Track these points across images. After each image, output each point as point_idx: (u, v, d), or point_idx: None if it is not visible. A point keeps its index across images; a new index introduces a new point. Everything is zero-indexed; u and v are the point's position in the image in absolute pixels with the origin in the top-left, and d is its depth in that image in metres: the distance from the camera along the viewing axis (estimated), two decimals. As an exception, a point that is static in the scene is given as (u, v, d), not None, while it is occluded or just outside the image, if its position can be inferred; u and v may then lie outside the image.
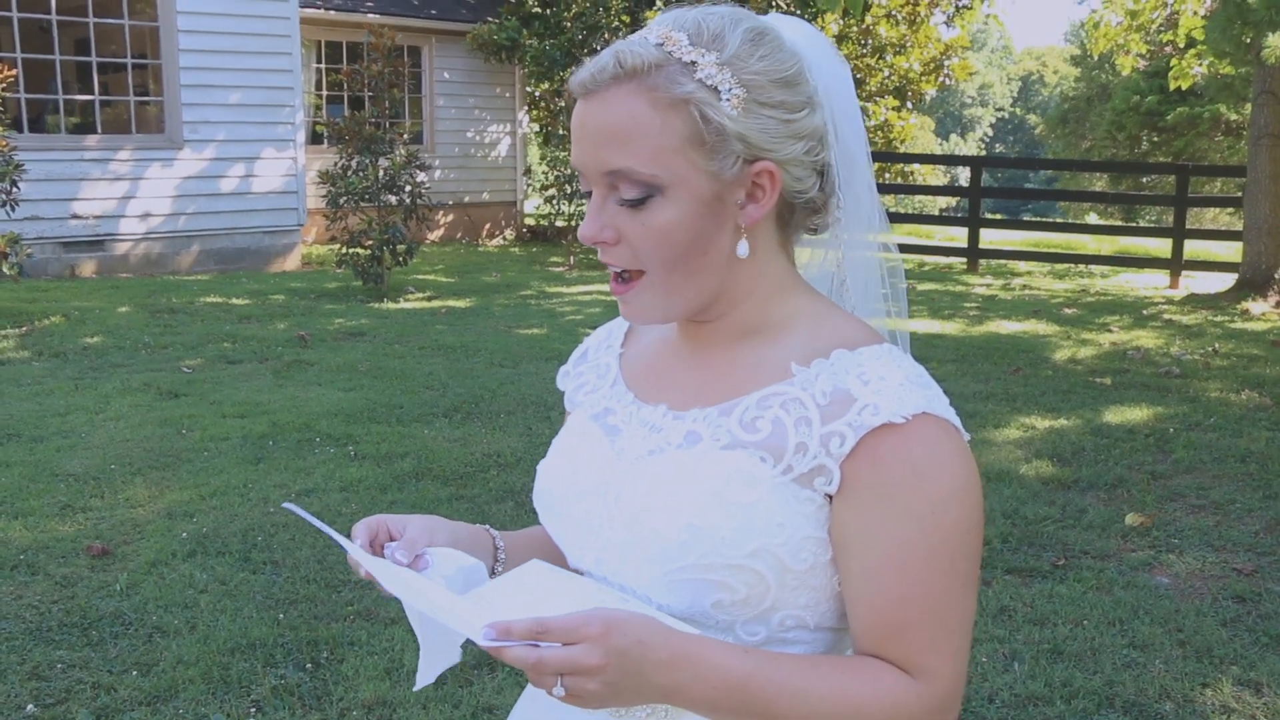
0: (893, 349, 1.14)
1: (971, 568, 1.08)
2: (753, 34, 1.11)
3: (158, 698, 3.11)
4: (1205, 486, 5.06)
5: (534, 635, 0.99)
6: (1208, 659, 3.42)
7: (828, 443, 1.07)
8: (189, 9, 11.97)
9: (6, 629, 3.49)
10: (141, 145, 12.01)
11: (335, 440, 5.61)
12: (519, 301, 10.64)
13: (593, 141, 1.10)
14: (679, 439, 1.16)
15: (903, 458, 1.05)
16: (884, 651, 1.07)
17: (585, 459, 1.24)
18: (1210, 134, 25.66)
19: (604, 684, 0.98)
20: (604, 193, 1.12)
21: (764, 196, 1.12)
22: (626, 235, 1.12)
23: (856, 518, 1.07)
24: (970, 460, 1.09)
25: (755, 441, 1.10)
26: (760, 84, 1.09)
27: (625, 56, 1.09)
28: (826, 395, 1.09)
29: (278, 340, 8.26)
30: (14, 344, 7.86)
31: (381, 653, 3.37)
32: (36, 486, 4.81)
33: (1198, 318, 10.20)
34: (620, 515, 1.17)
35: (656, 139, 1.07)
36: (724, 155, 1.09)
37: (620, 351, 1.32)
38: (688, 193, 1.09)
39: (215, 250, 12.52)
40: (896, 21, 19.09)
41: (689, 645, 1.02)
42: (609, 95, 1.09)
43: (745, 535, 1.07)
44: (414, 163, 10.82)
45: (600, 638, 0.98)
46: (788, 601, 1.11)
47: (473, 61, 16.53)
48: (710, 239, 1.11)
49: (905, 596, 1.06)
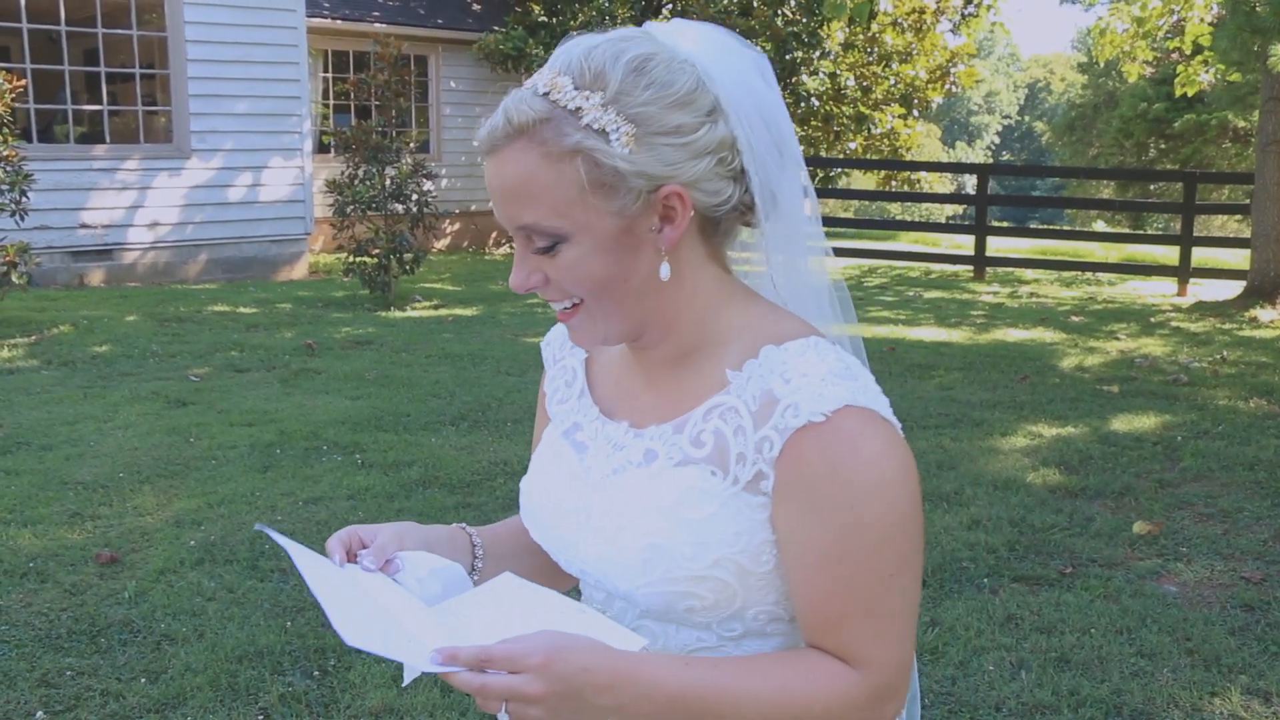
0: (820, 341, 1.14)
1: (904, 556, 1.09)
2: (636, 63, 1.10)
3: (166, 705, 3.12)
4: (1213, 495, 5.05)
5: (479, 663, 1.02)
6: (1216, 668, 3.41)
7: (760, 448, 1.10)
8: (197, 19, 12.02)
9: (16, 636, 3.50)
10: (149, 155, 12.05)
11: (342, 448, 5.62)
12: (525, 310, 10.66)
13: (502, 199, 1.13)
14: (639, 457, 1.19)
15: (822, 455, 1.07)
16: (824, 643, 1.10)
17: (559, 477, 1.28)
18: (1218, 141, 25.61)
19: (547, 710, 1.02)
20: (523, 243, 1.15)
21: (677, 217, 1.12)
22: (550, 277, 1.15)
23: (787, 516, 1.10)
24: (897, 449, 1.10)
25: (703, 456, 1.14)
26: (649, 114, 1.09)
27: (513, 114, 1.10)
28: (755, 399, 1.11)
29: (285, 349, 8.28)
30: (23, 353, 7.89)
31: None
32: (45, 495, 4.82)
33: (1205, 325, 10.18)
34: (592, 534, 1.21)
35: (553, 193, 1.09)
36: (624, 193, 1.09)
37: (585, 356, 1.34)
38: (594, 235, 1.11)
39: (223, 259, 12.56)
40: (902, 29, 19.11)
41: (629, 665, 1.05)
42: (505, 154, 1.11)
43: (704, 549, 1.11)
44: (420, 171, 10.84)
45: (541, 668, 1.01)
46: (756, 600, 1.14)
47: (479, 70, 16.57)
48: (628, 268, 1.13)
49: (835, 590, 1.08)
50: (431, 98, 16.46)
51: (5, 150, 8.85)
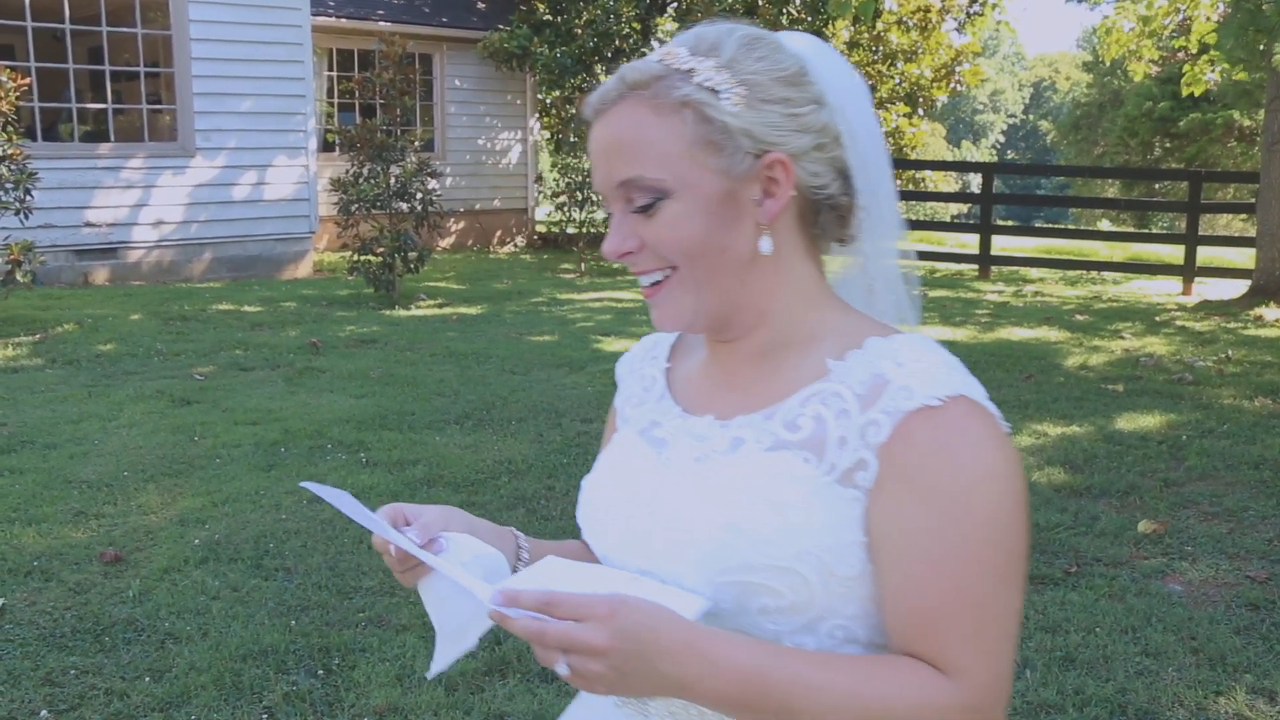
0: (926, 337, 1.12)
1: (1009, 561, 1.04)
2: (749, 39, 1.14)
3: (170, 704, 3.12)
4: (1218, 494, 5.04)
5: (542, 606, 0.97)
6: (1221, 667, 3.40)
7: (865, 433, 1.06)
8: (201, 18, 12.03)
9: (20, 635, 3.51)
10: (154, 153, 12.06)
11: (347, 447, 5.63)
12: (530, 308, 10.66)
13: (604, 157, 1.13)
14: (725, 445, 1.15)
15: (935, 440, 1.03)
16: (915, 647, 1.03)
17: (630, 471, 1.23)
18: (1223, 140, 25.57)
19: (609, 667, 0.96)
20: (621, 206, 1.14)
21: (779, 190, 1.12)
22: (646, 239, 1.13)
23: (889, 505, 1.04)
24: (1009, 448, 1.06)
25: (798, 440, 1.09)
26: (760, 81, 1.11)
27: (628, 74, 1.13)
28: (863, 383, 1.08)
29: (289, 347, 8.28)
30: (27, 351, 7.90)
31: (393, 659, 3.38)
32: (50, 493, 4.83)
33: (1210, 324, 10.16)
34: (663, 521, 1.15)
35: (660, 145, 1.10)
36: (731, 152, 1.10)
37: (666, 365, 1.31)
38: (697, 193, 1.10)
39: (227, 257, 12.57)
40: (908, 28, 19.09)
41: (701, 636, 1.00)
42: (614, 111, 1.12)
43: (788, 536, 1.05)
44: (425, 170, 10.85)
45: (607, 618, 0.96)
46: (835, 610, 1.07)
47: (484, 69, 16.57)
48: (728, 236, 1.12)
49: (934, 586, 1.02)
50: (436, 96, 16.46)
51: (10, 149, 8.86)
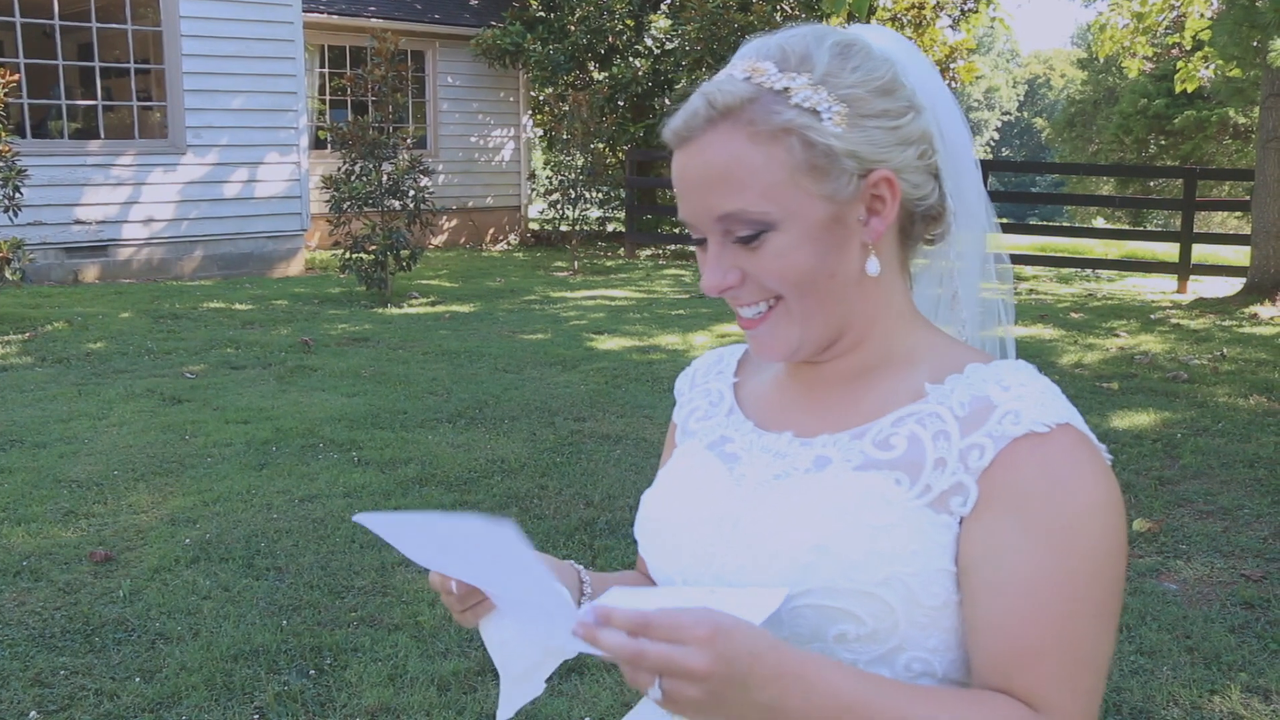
0: (1028, 364, 1.09)
1: (1109, 598, 1.01)
2: (840, 47, 1.08)
3: (161, 704, 3.10)
4: (1213, 492, 5.03)
5: (636, 628, 0.91)
6: (1216, 665, 3.40)
7: (966, 457, 1.02)
8: (192, 14, 11.98)
9: (9, 635, 3.48)
10: (144, 150, 12.01)
11: (339, 446, 5.60)
12: (523, 306, 10.63)
13: (699, 189, 1.06)
14: (807, 463, 1.10)
15: (1042, 467, 1.00)
16: (1007, 683, 0.99)
17: (699, 486, 1.17)
18: (1218, 137, 25.62)
19: (707, 692, 0.91)
20: (719, 239, 1.08)
21: (885, 208, 1.08)
22: (750, 272, 1.07)
23: (987, 532, 1.00)
24: (1113, 482, 1.03)
25: (890, 460, 1.05)
26: (859, 96, 1.05)
27: (715, 97, 1.05)
28: (965, 405, 1.05)
29: (281, 345, 8.25)
30: (17, 349, 7.86)
31: (385, 659, 3.36)
32: (39, 492, 4.80)
33: (1205, 322, 10.16)
34: (739, 541, 1.09)
35: (763, 175, 1.03)
36: (836, 175, 1.05)
37: (734, 380, 1.26)
38: (803, 221, 1.05)
39: (218, 255, 12.53)
40: (902, 25, 19.09)
41: (800, 662, 0.95)
42: (706, 140, 1.05)
43: (877, 560, 1.01)
44: (417, 167, 10.82)
45: (708, 641, 0.90)
46: (916, 641, 1.03)
47: (476, 66, 16.54)
48: (835, 262, 1.07)
49: (1033, 619, 0.98)
50: (428, 93, 16.43)
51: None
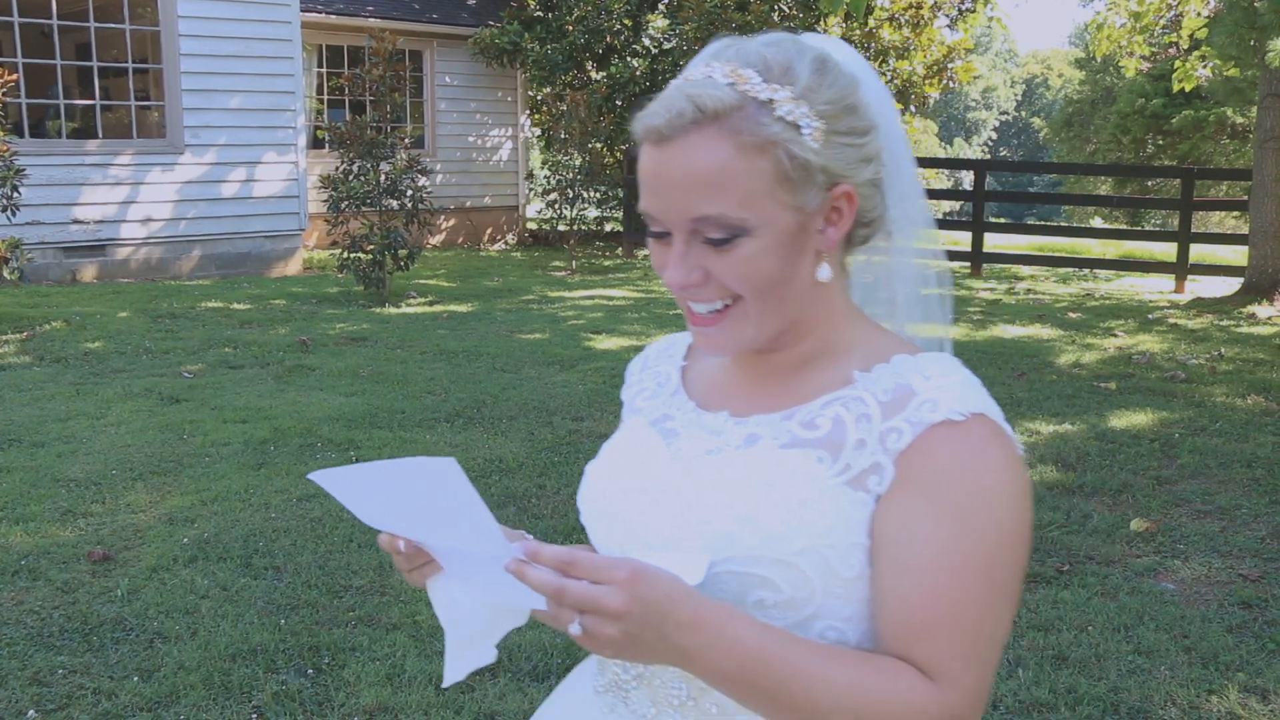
0: (952, 358, 1.16)
1: (1008, 578, 1.08)
2: (818, 62, 1.12)
3: (159, 703, 3.10)
4: (1211, 492, 5.04)
5: (562, 565, 0.98)
6: (1213, 665, 3.40)
7: (885, 439, 1.08)
8: (190, 13, 11.98)
9: (8, 634, 3.48)
10: (142, 150, 12.01)
11: (337, 445, 5.60)
12: (521, 306, 10.63)
13: (677, 189, 1.09)
14: (739, 440, 1.17)
15: (953, 453, 1.06)
16: (907, 651, 1.06)
17: (638, 459, 1.24)
18: (1216, 137, 25.61)
19: (622, 632, 0.98)
20: (686, 237, 1.12)
21: (842, 219, 1.14)
22: (715, 272, 1.12)
23: (899, 510, 1.07)
24: (1021, 468, 1.09)
25: (814, 439, 1.12)
26: (833, 113, 1.11)
27: (704, 100, 1.07)
28: (888, 392, 1.11)
29: (279, 345, 8.25)
30: (15, 349, 7.86)
31: (383, 658, 3.36)
32: (37, 492, 4.80)
33: (1203, 322, 10.17)
34: (669, 511, 1.16)
35: (745, 183, 1.07)
36: (808, 188, 1.10)
37: (683, 364, 1.33)
38: (774, 229, 1.10)
39: (216, 255, 12.52)
40: (899, 25, 19.07)
41: (713, 611, 1.02)
42: (691, 141, 1.07)
43: (796, 532, 1.08)
44: (415, 167, 10.82)
45: (628, 582, 0.97)
46: (831, 610, 1.10)
47: (474, 65, 16.53)
48: (794, 268, 1.13)
49: (936, 593, 1.05)
50: (426, 93, 16.42)
51: (-2, 145, 8.82)
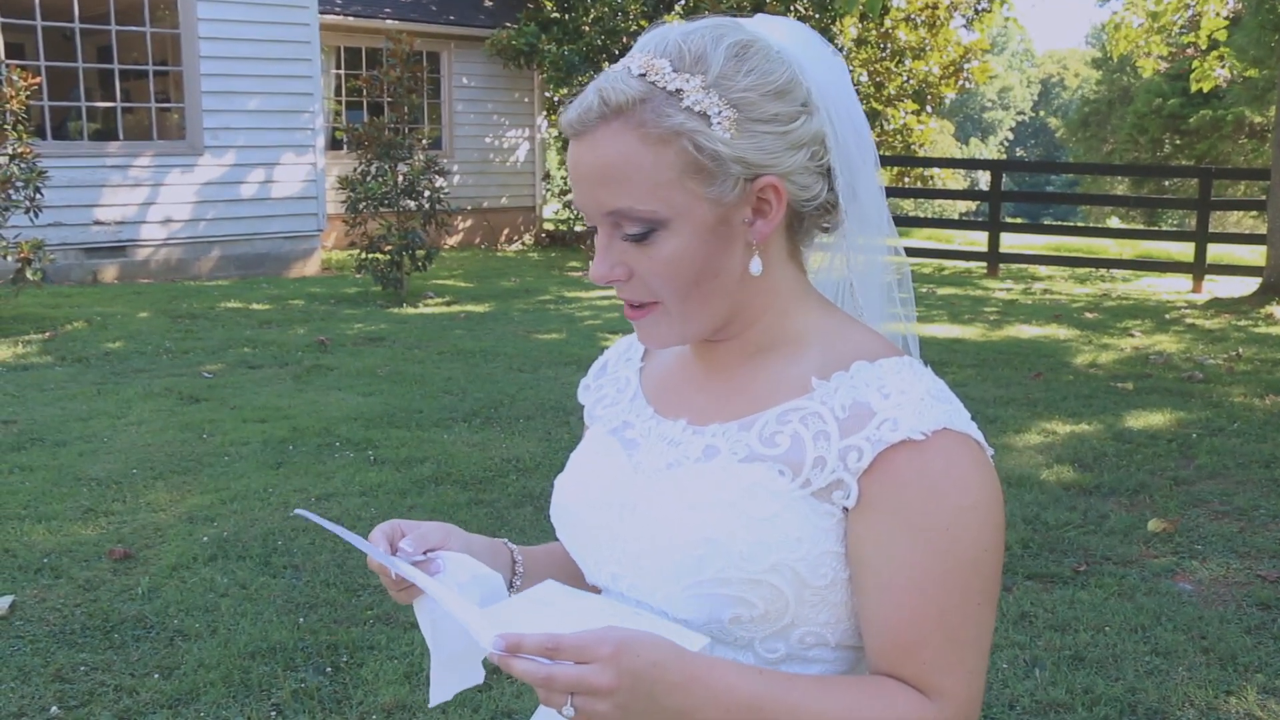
0: (914, 362, 1.12)
1: (989, 586, 1.07)
2: (736, 48, 1.08)
3: (179, 700, 3.13)
4: (1229, 492, 5.02)
5: (546, 651, 0.97)
6: (1231, 666, 3.39)
7: (845, 457, 1.06)
8: (210, 16, 12.05)
9: (30, 631, 3.52)
10: (162, 151, 12.09)
11: (355, 445, 5.63)
12: (537, 306, 10.66)
13: (590, 183, 1.09)
14: (698, 453, 1.14)
15: (920, 474, 1.04)
16: (898, 670, 1.06)
17: (602, 472, 1.22)
18: (1234, 137, 25.48)
19: (615, 706, 0.96)
20: (608, 231, 1.11)
21: (771, 211, 1.10)
22: (637, 270, 1.11)
23: (872, 533, 1.06)
24: (991, 476, 1.08)
25: (774, 455, 1.09)
26: (751, 100, 1.07)
27: (609, 94, 1.06)
28: (845, 409, 1.08)
29: (297, 345, 8.30)
30: (37, 349, 7.92)
31: (401, 657, 3.38)
32: (59, 490, 4.84)
33: (1221, 322, 10.12)
34: (637, 528, 1.15)
35: (651, 175, 1.06)
36: (723, 180, 1.07)
37: (640, 366, 1.31)
38: (690, 222, 1.07)
39: (235, 255, 12.59)
40: (915, 25, 19.03)
41: (701, 666, 1.01)
42: (598, 135, 1.07)
43: (763, 549, 1.06)
44: (433, 168, 10.86)
45: (612, 658, 0.96)
46: (807, 618, 1.09)
47: (491, 67, 16.57)
48: (720, 261, 1.10)
49: (919, 614, 1.04)
50: (444, 94, 16.47)
51: (20, 147, 8.88)
